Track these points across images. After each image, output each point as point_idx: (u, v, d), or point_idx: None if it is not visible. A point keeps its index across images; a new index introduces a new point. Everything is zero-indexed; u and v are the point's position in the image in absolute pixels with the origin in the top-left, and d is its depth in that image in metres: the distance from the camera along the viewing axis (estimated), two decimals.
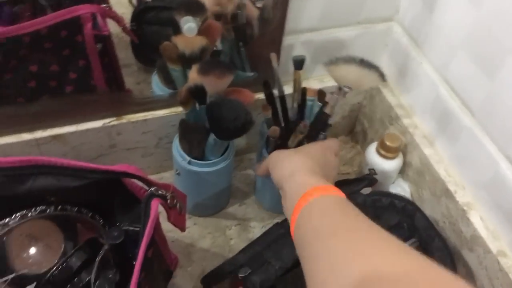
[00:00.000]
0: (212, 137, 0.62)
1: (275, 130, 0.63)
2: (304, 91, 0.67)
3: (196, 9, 0.62)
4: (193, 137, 0.64)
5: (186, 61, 0.64)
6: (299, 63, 0.65)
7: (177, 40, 0.63)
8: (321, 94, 0.67)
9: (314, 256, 0.42)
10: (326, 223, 0.43)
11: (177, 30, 0.64)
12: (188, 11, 0.62)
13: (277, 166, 0.55)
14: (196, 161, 0.65)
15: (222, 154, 0.66)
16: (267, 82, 0.64)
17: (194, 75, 0.60)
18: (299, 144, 0.65)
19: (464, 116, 0.63)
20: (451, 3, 0.62)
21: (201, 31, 0.63)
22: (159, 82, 0.72)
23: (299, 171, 0.52)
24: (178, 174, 0.68)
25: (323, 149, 0.59)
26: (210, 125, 0.61)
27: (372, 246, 0.39)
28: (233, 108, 0.59)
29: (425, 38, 0.68)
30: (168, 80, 0.71)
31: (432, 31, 0.66)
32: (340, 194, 0.48)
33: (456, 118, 0.64)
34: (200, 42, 0.63)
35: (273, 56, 0.64)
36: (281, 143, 0.66)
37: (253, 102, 0.64)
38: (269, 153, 0.67)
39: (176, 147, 0.66)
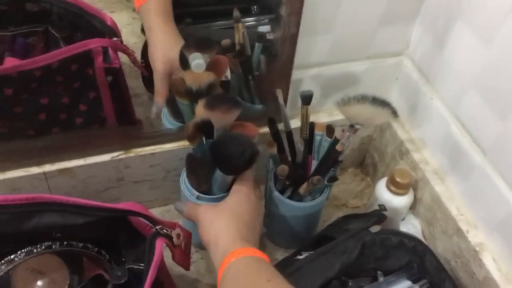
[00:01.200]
0: (218, 172, 0.62)
1: (283, 169, 0.63)
2: (312, 126, 0.66)
3: (206, 46, 0.63)
4: (200, 172, 0.64)
5: (193, 96, 0.64)
6: (306, 98, 0.65)
7: (185, 76, 0.64)
8: (329, 129, 0.67)
9: None
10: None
11: (185, 65, 0.64)
12: (197, 47, 0.62)
13: (205, 229, 0.57)
14: (204, 195, 0.64)
15: (229, 189, 0.65)
16: (273, 120, 0.64)
17: (201, 110, 0.60)
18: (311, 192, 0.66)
19: (475, 154, 0.62)
20: (461, 41, 0.62)
21: (209, 65, 0.63)
22: (168, 115, 0.72)
23: (222, 241, 0.54)
24: None
25: (248, 202, 0.59)
26: (216, 162, 0.61)
27: None
28: (239, 143, 0.59)
29: (436, 74, 0.68)
30: (177, 113, 0.71)
31: (442, 67, 0.66)
32: (257, 255, 0.51)
33: (467, 155, 0.63)
34: (208, 77, 0.63)
35: (279, 92, 0.65)
36: (290, 184, 0.66)
37: (257, 135, 0.64)
38: (280, 190, 0.67)
39: (184, 182, 0.66)
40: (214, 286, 0.69)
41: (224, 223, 0.56)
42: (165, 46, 0.66)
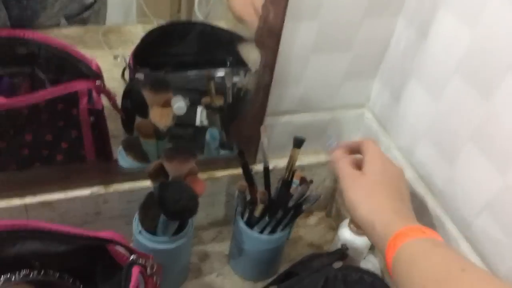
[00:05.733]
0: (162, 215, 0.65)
1: (242, 185, 0.68)
2: (293, 173, 0.71)
3: (160, 86, 0.68)
4: (150, 210, 0.67)
5: (160, 135, 0.69)
6: (299, 142, 0.69)
7: (152, 115, 0.68)
8: (303, 180, 0.72)
9: None
10: (415, 275, 0.43)
11: (145, 111, 0.70)
12: (152, 87, 0.68)
13: (353, 203, 0.55)
14: (146, 232, 0.67)
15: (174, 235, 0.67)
16: (242, 152, 0.68)
17: None
18: (263, 212, 0.69)
19: (428, 199, 0.68)
20: (414, 96, 0.70)
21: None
22: (127, 159, 0.75)
23: (378, 222, 0.51)
24: None
25: (396, 178, 0.58)
26: (158, 203, 0.63)
27: None
28: (179, 191, 0.61)
29: (393, 125, 0.75)
30: (139, 156, 0.75)
31: (398, 119, 0.73)
32: (430, 236, 0.48)
33: (421, 200, 0.69)
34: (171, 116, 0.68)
35: (263, 128, 0.69)
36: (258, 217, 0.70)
37: (202, 193, 0.65)
38: (244, 218, 0.71)
39: (136, 214, 0.69)
40: None
41: (377, 201, 0.53)
42: None
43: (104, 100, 0.72)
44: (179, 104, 0.66)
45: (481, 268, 0.42)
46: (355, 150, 0.64)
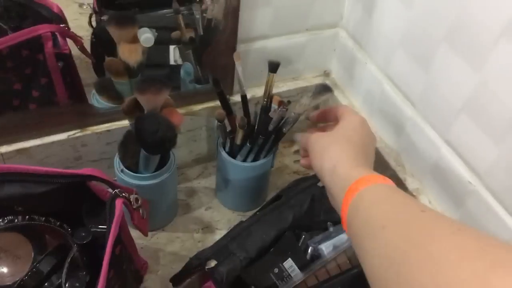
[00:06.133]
0: (142, 150, 0.64)
1: (220, 113, 0.67)
2: (271, 97, 0.70)
3: (125, 21, 0.66)
4: (129, 148, 0.66)
5: (132, 72, 0.67)
6: (274, 66, 0.67)
7: (121, 52, 0.67)
8: (281, 104, 0.71)
9: (367, 251, 0.41)
10: (375, 215, 0.42)
11: (114, 52, 0.68)
12: (117, 23, 0.66)
13: (317, 156, 0.54)
14: (128, 171, 0.66)
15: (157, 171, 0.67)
16: (217, 80, 0.67)
17: None
18: (244, 139, 0.69)
19: (406, 108, 0.68)
20: (386, 7, 0.68)
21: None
22: (101, 101, 0.74)
23: (341, 167, 0.50)
24: None
25: (362, 128, 0.56)
26: (136, 137, 0.62)
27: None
28: (155, 122, 0.60)
29: (368, 40, 0.74)
30: (113, 96, 0.73)
31: (373, 33, 0.72)
32: (387, 182, 0.47)
33: (400, 110, 0.69)
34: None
35: (236, 55, 0.67)
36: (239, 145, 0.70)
37: (180, 124, 0.64)
38: (226, 149, 0.71)
39: (116, 154, 0.68)
40: (176, 254, 0.72)
41: (340, 149, 0.52)
42: None
43: (74, 49, 0.71)
44: (146, 35, 0.64)
45: (437, 211, 0.42)
46: (330, 115, 0.62)
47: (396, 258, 0.36)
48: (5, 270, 0.61)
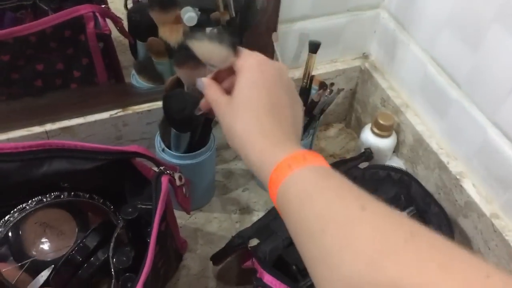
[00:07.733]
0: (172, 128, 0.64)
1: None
2: (311, 78, 0.69)
3: (168, 3, 0.65)
4: (169, 127, 0.65)
5: (172, 52, 0.67)
6: (314, 46, 0.67)
7: (162, 33, 0.66)
8: (322, 85, 0.70)
9: (309, 251, 0.36)
10: (311, 216, 0.36)
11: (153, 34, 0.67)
12: (160, 6, 0.65)
13: (228, 138, 0.45)
14: (168, 150, 0.66)
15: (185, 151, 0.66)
16: None
17: None
18: None
19: (451, 90, 0.66)
20: None
21: None
22: (140, 81, 0.75)
23: (249, 150, 0.41)
24: None
25: (271, 86, 0.44)
26: (165, 116, 0.61)
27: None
28: (182, 100, 0.59)
29: (411, 21, 0.72)
30: (153, 77, 0.74)
31: (416, 14, 0.70)
32: (310, 163, 0.38)
33: (444, 92, 0.67)
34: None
35: (274, 36, 0.66)
36: None
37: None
38: None
39: (158, 133, 0.68)
40: (214, 234, 0.73)
41: (242, 126, 0.42)
42: None
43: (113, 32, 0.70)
44: (190, 14, 0.64)
45: (379, 202, 0.35)
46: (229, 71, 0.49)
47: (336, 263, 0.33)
48: (46, 246, 0.62)
